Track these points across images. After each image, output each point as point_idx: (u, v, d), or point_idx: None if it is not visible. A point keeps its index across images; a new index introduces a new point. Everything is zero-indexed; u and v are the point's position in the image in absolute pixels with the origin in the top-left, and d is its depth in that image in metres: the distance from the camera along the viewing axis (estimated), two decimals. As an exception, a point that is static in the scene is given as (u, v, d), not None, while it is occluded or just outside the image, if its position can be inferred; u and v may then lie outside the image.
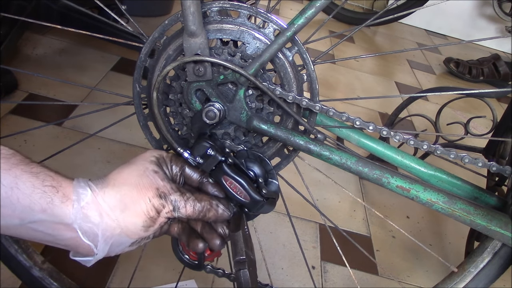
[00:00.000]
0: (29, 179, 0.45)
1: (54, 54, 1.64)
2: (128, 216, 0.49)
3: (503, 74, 2.37)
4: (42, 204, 0.45)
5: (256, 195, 0.55)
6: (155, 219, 0.51)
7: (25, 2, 1.31)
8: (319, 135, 0.59)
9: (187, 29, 0.54)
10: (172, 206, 0.51)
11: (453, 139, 1.29)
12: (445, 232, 1.33)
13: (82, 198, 0.47)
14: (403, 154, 0.69)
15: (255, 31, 0.58)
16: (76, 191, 0.47)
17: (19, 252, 0.75)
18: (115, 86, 1.55)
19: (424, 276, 1.15)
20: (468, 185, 0.68)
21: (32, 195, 0.44)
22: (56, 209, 0.45)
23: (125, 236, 0.50)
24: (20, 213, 0.44)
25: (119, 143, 1.29)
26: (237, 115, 0.59)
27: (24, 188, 0.44)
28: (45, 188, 0.45)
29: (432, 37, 3.08)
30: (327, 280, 1.06)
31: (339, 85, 2.05)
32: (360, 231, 1.25)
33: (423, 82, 2.32)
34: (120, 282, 0.93)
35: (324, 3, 0.55)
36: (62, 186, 0.47)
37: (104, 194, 0.49)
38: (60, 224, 0.46)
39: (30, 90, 1.40)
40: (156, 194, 0.51)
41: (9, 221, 0.44)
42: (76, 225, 0.46)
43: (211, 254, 0.60)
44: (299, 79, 0.60)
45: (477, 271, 0.65)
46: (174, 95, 0.62)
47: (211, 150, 0.55)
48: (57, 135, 1.26)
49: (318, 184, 1.33)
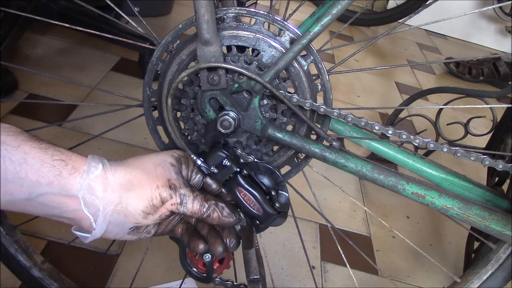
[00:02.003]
0: (38, 154, 0.45)
1: (54, 54, 1.64)
2: (131, 197, 0.50)
3: (503, 74, 2.37)
4: (49, 177, 0.45)
5: (269, 208, 0.55)
6: (156, 208, 0.51)
7: (24, 2, 1.31)
8: (334, 142, 0.59)
9: (201, 38, 0.53)
10: (179, 199, 0.52)
11: (453, 139, 1.29)
12: (445, 232, 1.33)
13: (92, 171, 0.48)
14: (414, 158, 0.68)
15: (271, 39, 0.57)
16: (89, 163, 0.48)
17: (19, 252, 0.75)
18: (115, 86, 1.55)
19: (424, 276, 1.15)
20: (480, 187, 0.68)
21: (41, 169, 0.45)
22: (63, 181, 0.46)
23: (124, 217, 0.50)
24: (27, 188, 0.45)
25: (119, 143, 1.29)
26: (251, 123, 0.59)
27: (33, 163, 0.45)
28: (54, 162, 0.46)
29: (432, 37, 3.08)
30: (327, 280, 1.06)
31: (339, 85, 2.05)
32: (360, 231, 1.25)
33: (423, 82, 2.32)
34: (120, 282, 0.92)
35: (340, 10, 0.54)
36: (72, 159, 0.47)
37: (115, 172, 0.50)
38: (65, 196, 0.47)
39: (30, 90, 1.40)
40: (167, 184, 0.51)
41: (17, 196, 0.45)
42: (80, 194, 0.47)
43: (219, 267, 0.59)
44: (313, 89, 0.59)
45: (480, 282, 0.65)
46: (186, 100, 0.61)
47: (226, 160, 0.55)
48: (57, 135, 1.26)
49: (318, 184, 1.33)
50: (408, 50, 2.74)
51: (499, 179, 0.96)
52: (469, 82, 2.44)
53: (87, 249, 0.96)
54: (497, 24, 3.00)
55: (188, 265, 0.60)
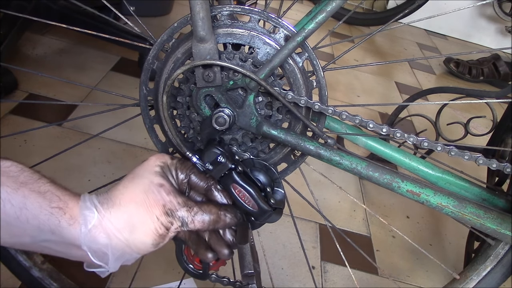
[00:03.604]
0: (37, 199, 0.45)
1: (54, 54, 1.63)
2: (137, 237, 0.49)
3: (503, 74, 2.36)
4: (50, 226, 0.45)
5: (265, 205, 0.55)
6: (164, 236, 0.51)
7: (24, 2, 1.31)
8: (329, 140, 0.59)
9: (196, 35, 0.53)
10: (180, 223, 0.51)
11: (453, 139, 1.29)
12: (445, 232, 1.33)
13: (89, 221, 0.47)
14: (410, 157, 0.68)
15: (266, 36, 0.57)
16: (83, 213, 0.47)
17: (19, 252, 0.75)
18: (115, 86, 1.55)
19: (424, 276, 1.15)
20: (476, 187, 0.68)
21: (40, 216, 0.45)
22: (64, 231, 0.46)
23: (136, 253, 0.51)
24: (31, 232, 0.45)
25: (119, 143, 1.29)
26: (246, 120, 0.59)
27: (32, 208, 0.44)
28: (52, 209, 0.45)
29: (432, 37, 3.08)
30: (327, 280, 1.06)
31: (339, 85, 2.05)
32: (360, 231, 1.24)
33: (423, 82, 2.32)
34: (120, 282, 0.92)
35: (335, 8, 0.54)
36: (69, 207, 0.47)
37: (111, 215, 0.49)
38: (70, 245, 0.47)
39: (30, 90, 1.40)
40: (163, 211, 0.50)
41: (22, 239, 0.45)
42: (86, 247, 0.47)
43: (216, 263, 0.59)
44: (309, 86, 0.59)
45: (479, 278, 0.65)
46: (182, 98, 0.61)
47: (221, 157, 0.55)
48: (57, 135, 1.26)
49: (318, 184, 1.33)
50: (408, 50, 2.74)
51: (499, 179, 0.96)
52: (469, 82, 2.44)
53: (87, 249, 0.96)
54: (497, 24, 2.99)
55: (184, 262, 0.60)
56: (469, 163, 0.60)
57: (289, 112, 0.60)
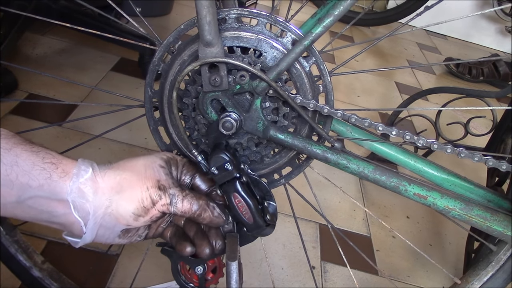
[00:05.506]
0: (29, 157, 0.45)
1: (54, 54, 1.63)
2: (122, 199, 0.50)
3: (503, 74, 2.37)
4: (40, 180, 0.45)
5: (260, 220, 0.55)
6: (147, 210, 0.51)
7: (25, 2, 1.31)
8: (336, 143, 0.59)
9: (202, 39, 0.53)
10: (169, 200, 0.52)
11: (453, 139, 1.29)
12: (445, 232, 1.33)
13: (82, 175, 0.48)
14: (416, 158, 0.68)
15: (273, 40, 0.57)
16: (79, 166, 0.48)
17: (19, 252, 0.75)
18: (115, 86, 1.55)
19: (424, 276, 1.15)
20: (481, 188, 0.68)
21: (32, 172, 0.45)
22: (53, 184, 0.46)
23: (115, 219, 0.50)
24: (17, 190, 0.45)
25: (119, 143, 1.29)
26: (253, 125, 0.59)
27: (24, 165, 0.45)
28: (45, 165, 0.46)
29: (432, 37, 3.08)
30: (327, 280, 1.06)
31: (339, 85, 2.05)
32: (360, 231, 1.25)
33: (423, 82, 2.32)
34: (120, 282, 0.92)
35: (342, 11, 0.54)
36: (63, 163, 0.47)
37: (105, 174, 0.50)
38: (55, 200, 0.47)
39: (30, 90, 1.40)
40: (156, 185, 0.51)
41: (7, 198, 0.45)
42: (70, 198, 0.47)
43: (213, 277, 0.59)
44: (315, 90, 0.59)
45: (480, 284, 0.65)
46: (188, 99, 0.61)
47: (229, 164, 0.55)
48: (57, 135, 1.26)
49: (318, 184, 1.33)
50: (408, 50, 2.74)
51: (499, 180, 0.96)
52: (469, 82, 2.44)
53: (87, 249, 0.96)
54: (497, 24, 3.00)
55: (183, 282, 0.60)
56: (462, 162, 0.60)
57: (296, 117, 0.60)
